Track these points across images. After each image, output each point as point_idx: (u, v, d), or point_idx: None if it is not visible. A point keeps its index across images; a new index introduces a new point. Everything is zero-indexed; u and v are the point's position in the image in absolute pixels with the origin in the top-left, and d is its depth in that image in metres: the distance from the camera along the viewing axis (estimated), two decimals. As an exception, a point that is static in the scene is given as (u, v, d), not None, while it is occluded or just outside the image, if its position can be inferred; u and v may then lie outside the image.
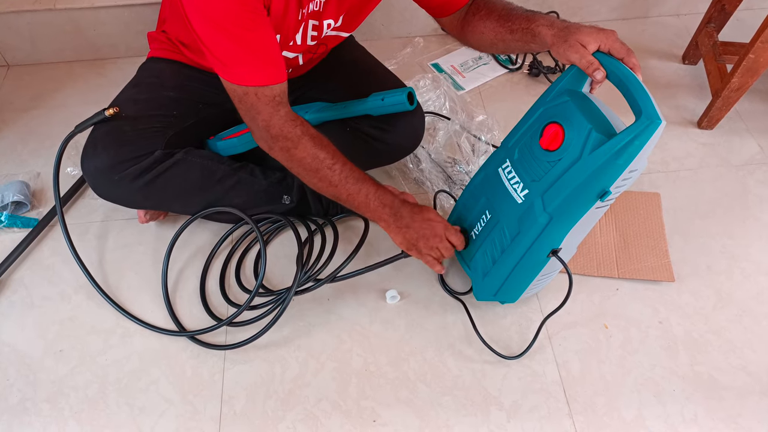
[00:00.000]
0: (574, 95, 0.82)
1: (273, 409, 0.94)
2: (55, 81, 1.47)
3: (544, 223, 0.84)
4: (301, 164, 0.89)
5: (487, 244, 0.94)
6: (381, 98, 1.03)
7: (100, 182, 1.00)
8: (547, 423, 0.92)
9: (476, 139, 1.28)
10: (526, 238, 0.87)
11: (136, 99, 1.04)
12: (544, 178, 0.83)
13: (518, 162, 0.88)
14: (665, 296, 1.06)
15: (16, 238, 1.14)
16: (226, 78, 0.83)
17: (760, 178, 1.23)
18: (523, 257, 0.89)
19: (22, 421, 0.94)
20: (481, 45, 0.96)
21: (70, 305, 1.07)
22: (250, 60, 0.81)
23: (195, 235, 1.15)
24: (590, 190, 0.79)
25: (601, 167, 0.77)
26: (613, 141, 0.75)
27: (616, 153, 0.75)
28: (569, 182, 0.80)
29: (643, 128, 0.73)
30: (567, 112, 0.81)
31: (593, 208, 0.82)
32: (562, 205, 0.82)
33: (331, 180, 0.90)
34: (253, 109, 0.85)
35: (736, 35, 1.33)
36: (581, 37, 0.78)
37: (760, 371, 0.97)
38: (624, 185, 0.80)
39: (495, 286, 0.96)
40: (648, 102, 0.73)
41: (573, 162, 0.79)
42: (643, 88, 0.74)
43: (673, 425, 0.91)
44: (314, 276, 1.03)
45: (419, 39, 1.55)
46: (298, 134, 0.87)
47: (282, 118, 0.86)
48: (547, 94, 0.86)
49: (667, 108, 1.37)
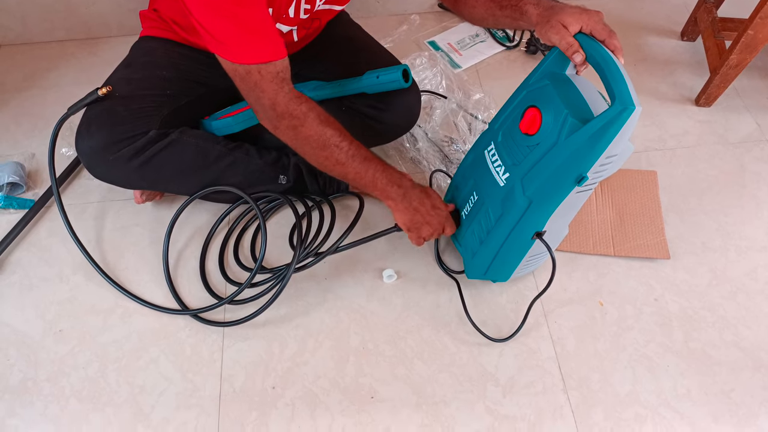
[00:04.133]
0: (556, 78, 0.81)
1: (272, 387, 0.95)
2: (47, 61, 1.45)
3: (524, 206, 0.84)
4: (308, 142, 0.88)
5: (474, 224, 0.94)
6: (376, 76, 1.02)
7: (95, 163, 1.00)
8: (542, 398, 0.93)
9: (473, 118, 1.27)
10: (508, 221, 0.87)
11: (129, 78, 1.03)
12: (524, 162, 0.82)
13: (501, 145, 0.87)
14: (660, 273, 1.06)
15: (12, 220, 1.14)
16: (226, 57, 0.81)
17: (757, 155, 1.23)
18: (507, 239, 0.90)
19: (23, 401, 0.95)
20: (473, 18, 0.95)
21: (68, 285, 1.07)
22: (250, 37, 0.79)
23: (193, 215, 1.15)
24: (568, 175, 0.79)
25: (576, 152, 0.76)
26: (587, 127, 0.74)
27: (591, 139, 0.74)
28: (547, 167, 0.79)
29: (616, 114, 0.71)
30: (546, 96, 0.80)
31: (573, 193, 0.82)
32: (540, 189, 0.82)
33: (339, 158, 0.89)
34: (257, 88, 0.83)
35: (736, 11, 1.32)
36: (563, 18, 0.76)
37: (753, 347, 0.98)
38: (604, 170, 0.79)
39: (484, 265, 0.97)
40: (623, 87, 0.71)
41: (550, 147, 0.78)
42: (619, 72, 0.72)
43: (667, 400, 0.93)
44: (313, 251, 1.03)
45: (415, 16, 1.53)
46: (304, 111, 0.85)
47: (287, 96, 0.84)
48: (531, 77, 0.85)
49: (665, 85, 1.37)
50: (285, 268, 1.02)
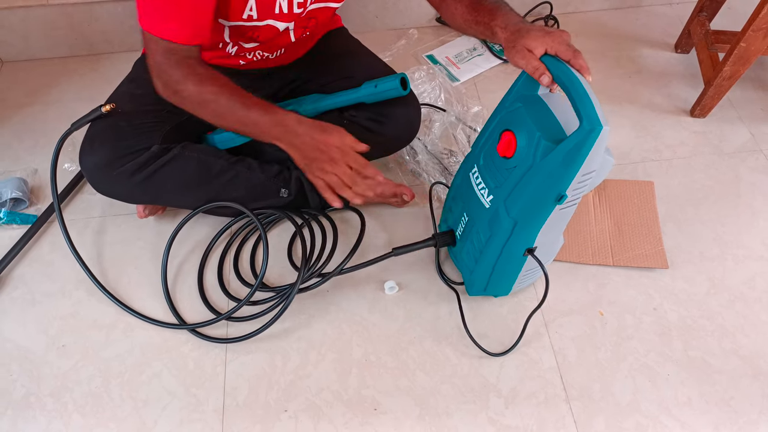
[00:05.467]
0: (529, 100, 0.82)
1: (275, 400, 0.95)
2: (49, 77, 1.47)
3: (510, 227, 0.85)
4: (189, 101, 0.91)
5: (468, 244, 0.96)
6: (374, 85, 1.04)
7: (99, 178, 1.01)
8: (544, 409, 0.94)
9: (472, 130, 1.29)
10: (497, 241, 0.89)
11: (132, 94, 1.05)
12: (505, 185, 0.83)
13: (484, 167, 0.89)
14: (659, 283, 1.07)
15: (14, 235, 1.15)
16: (138, 17, 0.85)
17: (751, 165, 1.25)
18: (499, 257, 0.91)
19: (26, 416, 0.95)
20: (452, 25, 0.97)
21: (71, 301, 1.07)
22: (167, 9, 0.83)
23: (193, 230, 1.15)
24: (548, 195, 0.80)
25: (553, 173, 0.77)
26: (559, 148, 0.75)
27: (564, 159, 0.75)
28: (526, 188, 0.80)
29: (585, 135, 0.72)
30: (519, 119, 0.81)
31: (557, 210, 0.82)
32: (523, 210, 0.83)
33: (218, 111, 0.91)
34: (150, 56, 0.88)
35: (728, 24, 1.34)
36: (528, 42, 0.78)
37: (752, 355, 0.99)
38: (584, 186, 0.80)
39: (482, 282, 0.98)
40: (589, 107, 0.71)
41: (528, 169, 0.79)
42: (585, 92, 0.72)
43: (668, 409, 0.93)
44: (317, 272, 1.04)
45: (414, 30, 1.55)
46: (185, 73, 0.89)
47: (171, 63, 0.88)
48: (505, 99, 0.86)
49: (660, 97, 1.39)
50: (288, 288, 1.03)
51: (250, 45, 1.03)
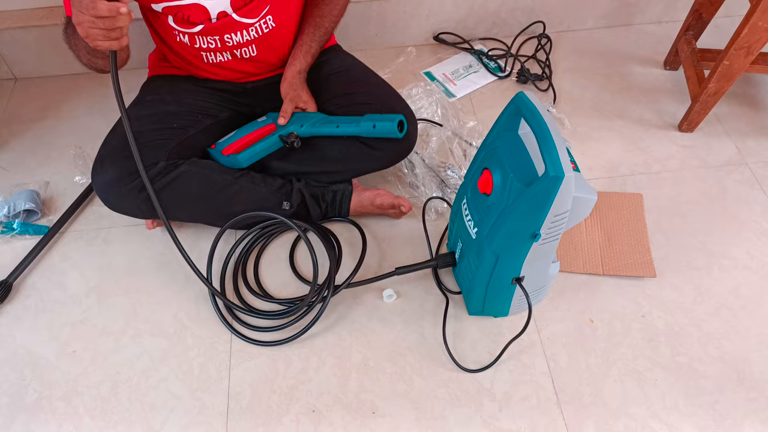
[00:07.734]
0: (507, 139, 0.85)
1: (277, 404, 0.99)
2: (61, 93, 1.52)
3: (493, 259, 0.89)
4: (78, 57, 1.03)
5: (463, 268, 1.01)
6: (372, 125, 1.09)
7: (110, 196, 1.06)
8: (536, 412, 0.97)
9: (468, 145, 1.33)
10: (483, 271, 0.92)
11: (138, 116, 1.10)
12: (486, 219, 0.87)
13: (470, 200, 0.93)
14: (647, 291, 1.11)
15: (27, 245, 1.19)
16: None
17: (737, 178, 1.29)
18: (488, 284, 0.95)
19: (38, 419, 0.98)
20: None
21: (81, 308, 1.12)
22: None
23: (201, 240, 1.20)
24: (523, 233, 0.83)
25: (525, 213, 0.80)
26: (527, 191, 0.78)
27: (533, 202, 0.78)
28: (503, 225, 0.83)
29: (550, 182, 0.74)
30: (496, 158, 0.85)
31: (537, 245, 0.85)
32: (502, 245, 0.86)
33: None
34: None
35: (714, 42, 1.40)
36: None
37: (736, 360, 1.02)
38: (560, 225, 0.83)
39: (479, 304, 1.02)
40: (554, 155, 0.73)
41: (503, 208, 0.83)
42: (551, 139, 0.73)
43: (655, 412, 0.97)
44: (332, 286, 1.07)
45: (412, 48, 1.61)
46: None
47: None
48: (488, 137, 0.89)
49: (650, 112, 1.44)
50: (300, 303, 1.07)
51: (194, 29, 1.04)
